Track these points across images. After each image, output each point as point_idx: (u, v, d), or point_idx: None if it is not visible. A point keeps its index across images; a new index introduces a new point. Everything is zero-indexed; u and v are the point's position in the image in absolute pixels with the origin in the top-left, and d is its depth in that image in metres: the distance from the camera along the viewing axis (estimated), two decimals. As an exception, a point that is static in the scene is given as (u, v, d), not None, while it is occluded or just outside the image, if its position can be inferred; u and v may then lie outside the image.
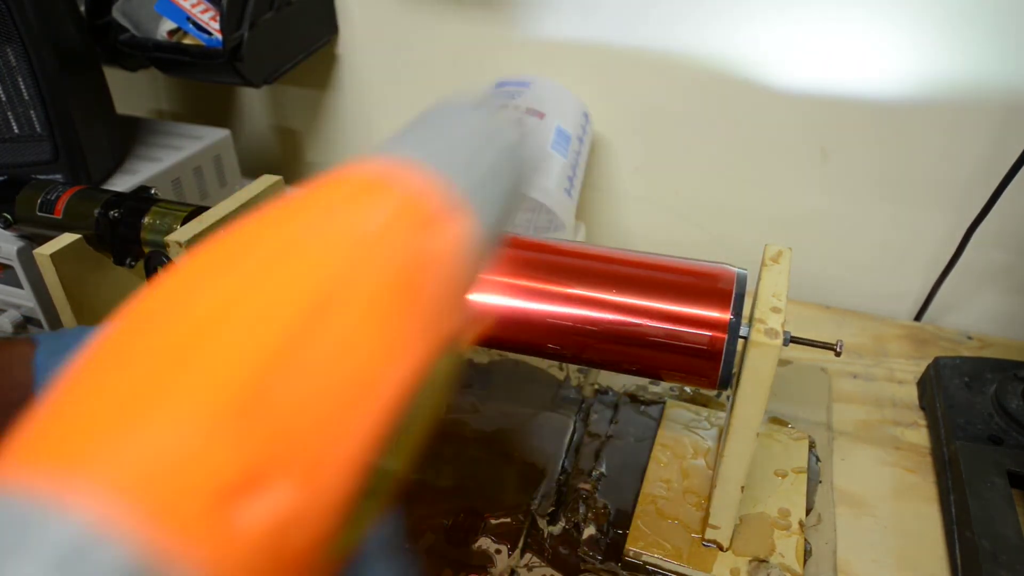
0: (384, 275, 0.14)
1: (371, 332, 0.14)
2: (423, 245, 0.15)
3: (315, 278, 0.14)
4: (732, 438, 0.41)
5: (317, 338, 0.13)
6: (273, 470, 0.12)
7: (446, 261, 0.15)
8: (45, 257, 0.51)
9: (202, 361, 0.12)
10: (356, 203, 0.15)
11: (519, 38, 0.75)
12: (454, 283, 0.16)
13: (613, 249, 0.45)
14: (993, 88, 0.61)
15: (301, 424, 0.12)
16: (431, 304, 0.15)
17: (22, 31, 0.59)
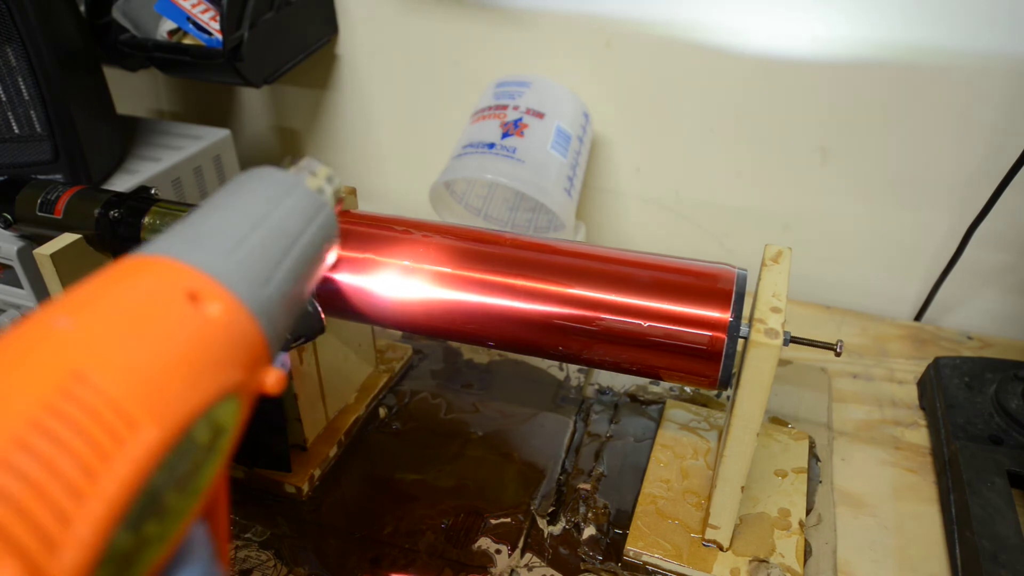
0: (116, 365, 0.16)
1: (89, 421, 0.15)
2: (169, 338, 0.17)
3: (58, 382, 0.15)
4: (732, 438, 0.41)
5: (31, 439, 0.14)
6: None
7: (196, 343, 0.17)
8: (45, 257, 0.51)
9: None
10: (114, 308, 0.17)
11: (519, 38, 0.75)
12: (204, 360, 0.17)
13: (613, 249, 0.45)
14: (993, 88, 0.61)
15: (15, 511, 0.13)
16: (166, 385, 0.16)
17: (22, 31, 0.59)
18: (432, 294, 0.45)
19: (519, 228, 0.79)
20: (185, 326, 0.17)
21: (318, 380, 0.55)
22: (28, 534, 0.13)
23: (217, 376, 0.18)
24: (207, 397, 0.17)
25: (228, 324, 0.18)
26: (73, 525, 0.14)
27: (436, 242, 0.46)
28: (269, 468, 0.53)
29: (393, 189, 0.93)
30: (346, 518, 0.51)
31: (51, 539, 0.13)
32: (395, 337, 0.68)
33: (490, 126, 0.69)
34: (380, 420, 0.60)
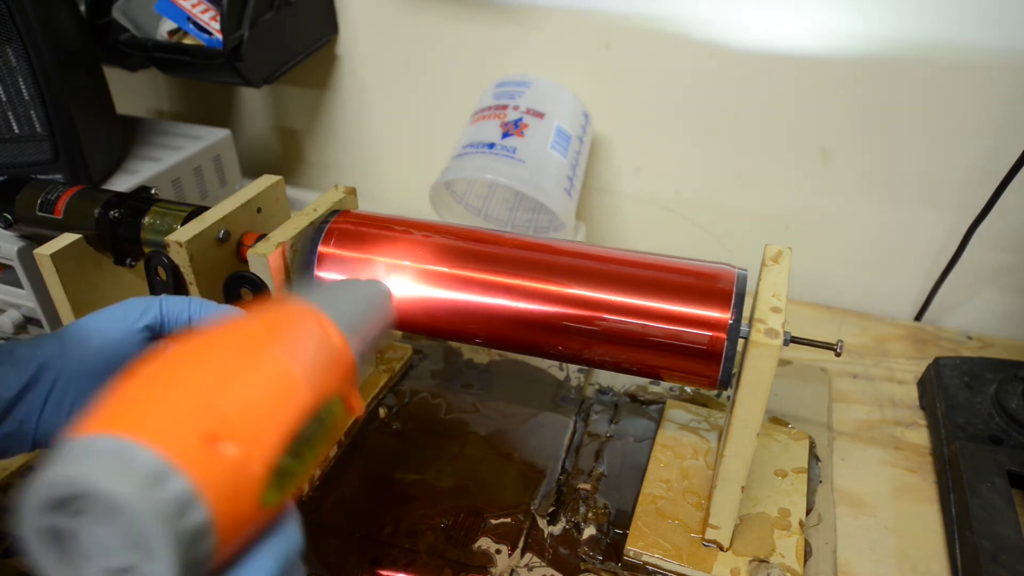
0: (294, 347, 0.27)
1: (280, 371, 0.26)
2: (314, 343, 0.28)
3: (257, 339, 0.27)
4: (732, 438, 0.41)
5: (248, 378, 0.25)
6: (223, 435, 0.23)
7: (325, 356, 0.28)
8: (45, 257, 0.51)
9: (195, 382, 0.24)
10: (291, 318, 0.29)
11: (519, 38, 0.75)
12: (328, 364, 0.28)
13: (613, 249, 0.45)
14: (993, 88, 0.61)
15: (238, 416, 0.23)
16: (316, 367, 0.27)
17: (22, 31, 0.59)
18: (432, 294, 0.45)
19: (519, 228, 0.79)
20: (323, 341, 0.29)
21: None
22: (244, 433, 0.23)
23: (335, 378, 0.28)
24: (332, 389, 0.28)
25: (341, 351, 0.29)
26: (269, 434, 0.24)
27: (436, 242, 0.46)
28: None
29: (393, 189, 0.93)
30: (346, 518, 0.51)
31: (256, 439, 0.23)
32: (395, 337, 0.68)
33: (490, 126, 0.69)
34: (380, 420, 0.60)
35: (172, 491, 0.20)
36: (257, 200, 0.52)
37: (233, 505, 0.22)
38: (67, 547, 0.21)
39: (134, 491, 0.20)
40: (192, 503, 0.21)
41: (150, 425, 0.21)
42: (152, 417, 0.22)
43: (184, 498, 0.21)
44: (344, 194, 0.52)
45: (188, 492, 0.21)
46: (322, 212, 0.49)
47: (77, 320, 0.38)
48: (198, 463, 0.21)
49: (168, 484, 0.20)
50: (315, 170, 0.97)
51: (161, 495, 0.20)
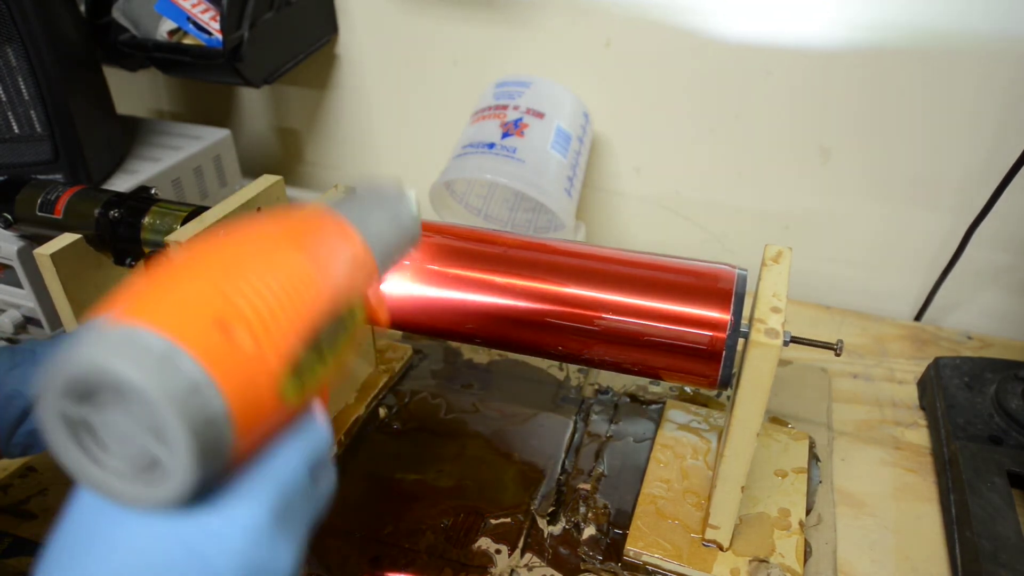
0: (313, 247, 0.27)
1: (297, 267, 0.25)
2: (335, 246, 0.28)
3: (277, 238, 0.26)
4: (732, 438, 0.41)
5: (264, 271, 0.24)
6: (235, 322, 0.22)
7: (347, 262, 0.28)
8: (45, 257, 0.51)
9: (209, 272, 0.23)
10: (311, 221, 0.29)
11: (519, 38, 0.75)
12: (350, 266, 0.28)
13: (613, 249, 0.45)
14: (994, 88, 0.61)
15: (253, 306, 0.23)
16: (335, 269, 0.27)
17: (22, 31, 0.59)
18: (432, 294, 0.45)
19: (519, 228, 0.79)
20: (345, 247, 0.29)
21: (318, 380, 0.54)
22: (259, 323, 0.23)
23: (357, 280, 0.29)
24: (351, 289, 0.28)
25: (363, 258, 0.30)
26: (284, 327, 0.23)
27: (436, 242, 0.46)
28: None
29: (393, 189, 0.93)
30: (346, 518, 0.51)
31: (271, 330, 0.23)
32: (395, 337, 0.68)
33: (490, 126, 0.69)
34: (380, 420, 0.60)
35: (184, 373, 0.20)
36: (257, 200, 0.52)
37: (249, 393, 0.22)
38: (87, 442, 0.21)
39: (144, 374, 0.20)
40: (205, 387, 0.20)
41: (161, 312, 0.21)
42: (164, 305, 0.22)
43: (196, 381, 0.20)
44: (344, 194, 0.52)
45: (200, 375, 0.20)
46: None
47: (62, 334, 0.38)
48: (211, 349, 0.21)
49: (179, 367, 0.20)
50: (315, 170, 0.97)
51: (172, 377, 0.20)
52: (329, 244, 0.28)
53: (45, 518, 0.52)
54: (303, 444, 0.25)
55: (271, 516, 0.23)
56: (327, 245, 0.28)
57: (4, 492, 0.53)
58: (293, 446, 0.24)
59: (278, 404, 0.23)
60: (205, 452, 0.20)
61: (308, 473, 0.25)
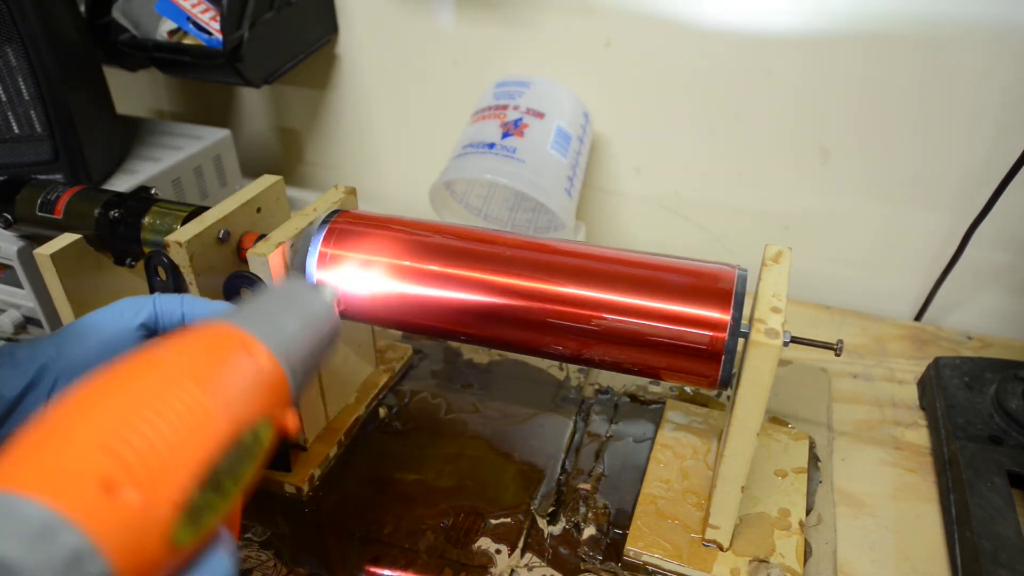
0: (210, 376, 0.26)
1: (191, 403, 0.24)
2: (234, 367, 0.27)
3: (167, 373, 0.25)
4: (732, 438, 0.41)
5: (152, 414, 0.23)
6: (121, 478, 0.21)
7: (251, 382, 0.27)
8: (45, 257, 0.51)
9: (94, 424, 0.22)
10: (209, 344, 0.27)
11: (519, 38, 0.75)
12: (252, 387, 0.27)
13: (613, 249, 0.45)
14: (994, 88, 0.61)
15: (139, 457, 0.22)
16: (236, 395, 0.26)
17: (22, 31, 0.59)
18: (432, 294, 0.45)
19: (519, 228, 0.79)
20: (247, 366, 0.27)
21: (318, 380, 0.55)
22: (146, 475, 0.22)
23: (261, 402, 0.27)
24: (255, 413, 0.26)
25: (270, 373, 0.28)
26: (175, 473, 0.23)
27: (436, 242, 0.46)
28: (269, 468, 0.53)
29: (393, 189, 0.93)
30: (346, 518, 0.51)
31: (160, 480, 0.22)
32: (395, 337, 0.68)
33: (490, 126, 0.69)
34: (380, 420, 0.60)
35: (63, 545, 0.20)
36: (257, 200, 0.52)
37: (137, 550, 0.21)
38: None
39: (20, 549, 0.19)
40: (87, 556, 0.20)
41: (40, 477, 0.21)
42: (43, 468, 0.21)
43: (77, 551, 0.20)
44: (344, 194, 0.52)
45: (82, 544, 0.20)
46: (322, 212, 0.49)
47: (73, 321, 0.38)
48: (93, 513, 0.20)
49: (59, 538, 0.20)
50: (315, 170, 0.97)
51: (51, 550, 0.19)
52: (229, 368, 0.27)
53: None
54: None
55: None
56: (225, 368, 0.26)
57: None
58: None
59: (171, 552, 0.23)
60: None
61: None
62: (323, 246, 0.47)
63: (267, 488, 0.54)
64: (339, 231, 0.48)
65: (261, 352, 0.28)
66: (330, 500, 0.53)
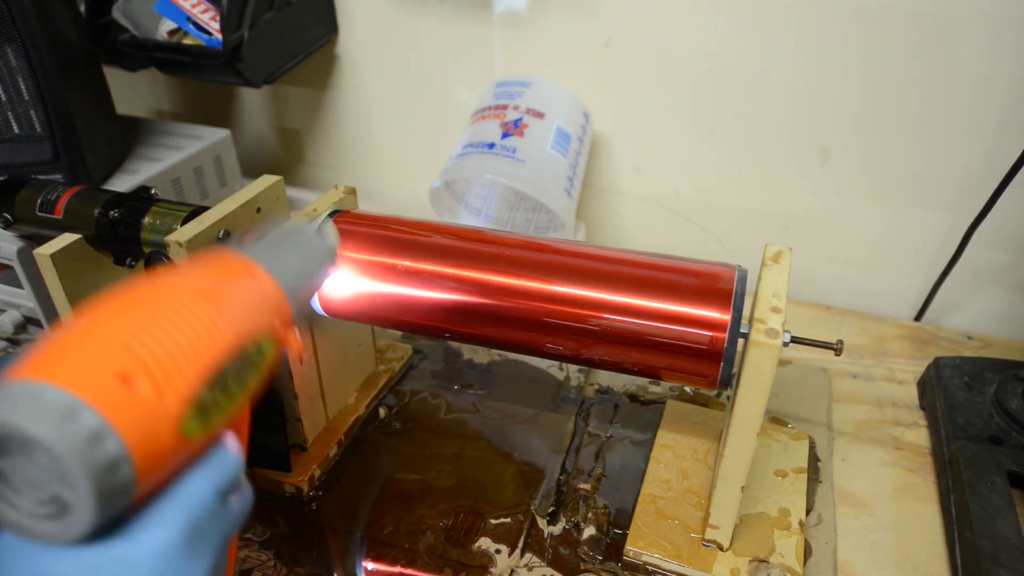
0: (216, 292, 0.29)
1: (200, 313, 0.27)
2: (240, 287, 0.30)
3: (180, 289, 0.28)
4: (732, 438, 0.41)
5: (165, 321, 0.26)
6: (136, 372, 0.24)
7: (254, 301, 0.30)
8: (45, 257, 0.51)
9: (111, 328, 0.25)
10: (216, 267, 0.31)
11: (519, 38, 0.75)
12: (255, 305, 0.30)
13: (613, 249, 0.45)
14: (994, 88, 0.61)
15: (153, 356, 0.25)
16: (239, 310, 0.29)
17: (22, 31, 0.59)
18: (432, 294, 0.45)
19: (519, 228, 0.79)
20: (251, 287, 0.31)
21: (318, 380, 0.55)
22: (160, 371, 0.25)
23: (264, 317, 0.30)
24: (257, 327, 0.29)
25: (272, 294, 0.32)
26: (186, 372, 0.25)
27: (436, 242, 0.46)
28: (269, 468, 0.53)
29: (393, 189, 0.93)
30: (346, 518, 0.51)
31: (172, 376, 0.25)
32: (395, 337, 0.68)
33: (490, 126, 0.69)
34: (380, 420, 0.60)
35: (84, 425, 0.22)
36: (257, 200, 0.52)
37: (150, 436, 0.24)
38: (1, 487, 0.23)
39: (46, 427, 0.22)
40: (105, 435, 0.22)
41: (64, 368, 0.23)
42: (68, 362, 0.24)
43: (96, 431, 0.22)
44: (344, 194, 0.52)
45: (100, 425, 0.22)
46: (322, 212, 0.49)
47: None
48: (110, 399, 0.23)
49: (80, 419, 0.22)
50: (315, 170, 0.97)
51: (73, 429, 0.22)
52: (234, 286, 0.30)
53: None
54: (211, 471, 0.27)
55: (181, 540, 0.25)
56: (231, 288, 0.30)
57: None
58: (201, 474, 0.27)
59: (181, 442, 0.25)
60: (107, 493, 0.23)
61: (217, 497, 0.27)
62: (323, 246, 0.47)
63: (267, 488, 0.54)
64: (339, 231, 0.48)
65: (264, 277, 0.32)
66: (330, 500, 0.53)
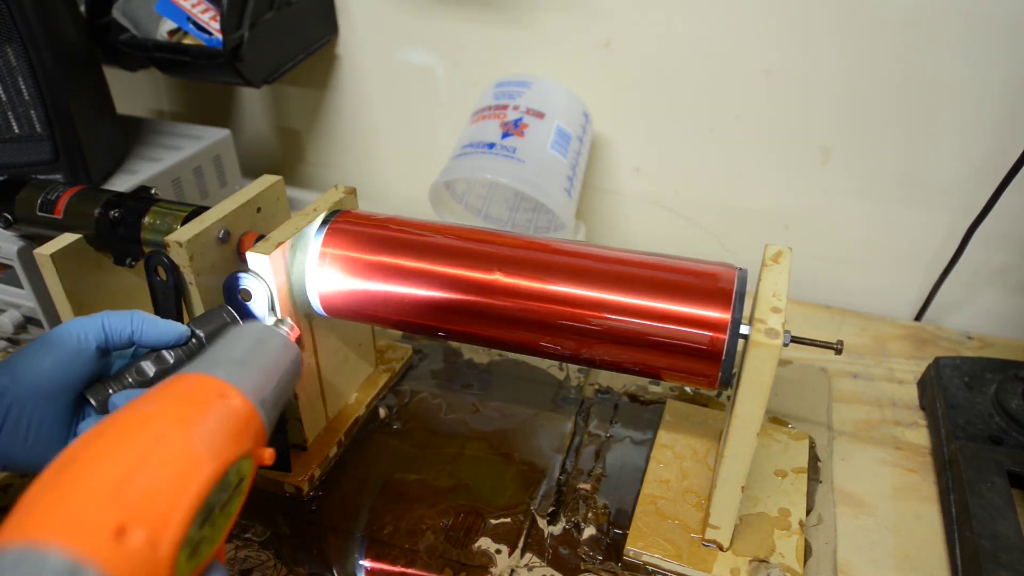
0: (196, 423, 0.29)
1: (185, 450, 0.27)
2: (214, 412, 0.30)
3: (158, 422, 0.28)
4: (732, 438, 0.41)
5: (151, 464, 0.26)
6: (132, 524, 0.25)
7: (226, 416, 0.30)
8: (45, 257, 0.51)
9: (101, 477, 0.25)
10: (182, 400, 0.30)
11: (519, 38, 0.75)
12: (231, 428, 0.30)
13: (613, 249, 0.45)
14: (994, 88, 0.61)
15: (144, 503, 0.25)
16: (219, 437, 0.29)
17: (22, 31, 0.59)
18: (432, 294, 0.45)
19: (519, 228, 0.79)
20: (226, 411, 0.31)
21: (318, 380, 0.55)
22: (151, 519, 0.25)
23: (240, 441, 0.30)
24: (236, 452, 0.30)
25: (244, 412, 0.32)
26: (175, 514, 0.26)
27: (436, 242, 0.46)
28: (269, 468, 0.53)
29: (393, 189, 0.93)
30: (346, 518, 0.51)
31: (163, 518, 0.25)
32: (395, 337, 0.68)
33: (490, 126, 0.69)
34: (380, 420, 0.60)
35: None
36: (257, 200, 0.52)
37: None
38: None
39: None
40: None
41: (61, 528, 0.24)
42: (59, 518, 0.24)
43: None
44: (344, 194, 0.52)
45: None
46: (322, 212, 0.49)
47: (25, 346, 0.39)
48: (108, 556, 0.23)
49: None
50: (315, 170, 0.97)
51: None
52: (209, 412, 0.30)
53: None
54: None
55: None
56: (208, 415, 0.30)
57: (4, 492, 0.53)
58: None
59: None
60: None
61: None
62: (323, 246, 0.47)
63: (267, 488, 0.54)
64: (339, 231, 0.48)
65: (235, 395, 0.31)
66: (330, 500, 0.53)
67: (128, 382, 0.41)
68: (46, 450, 0.39)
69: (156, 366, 0.41)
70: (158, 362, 0.42)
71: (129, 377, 0.41)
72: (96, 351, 0.40)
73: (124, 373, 0.41)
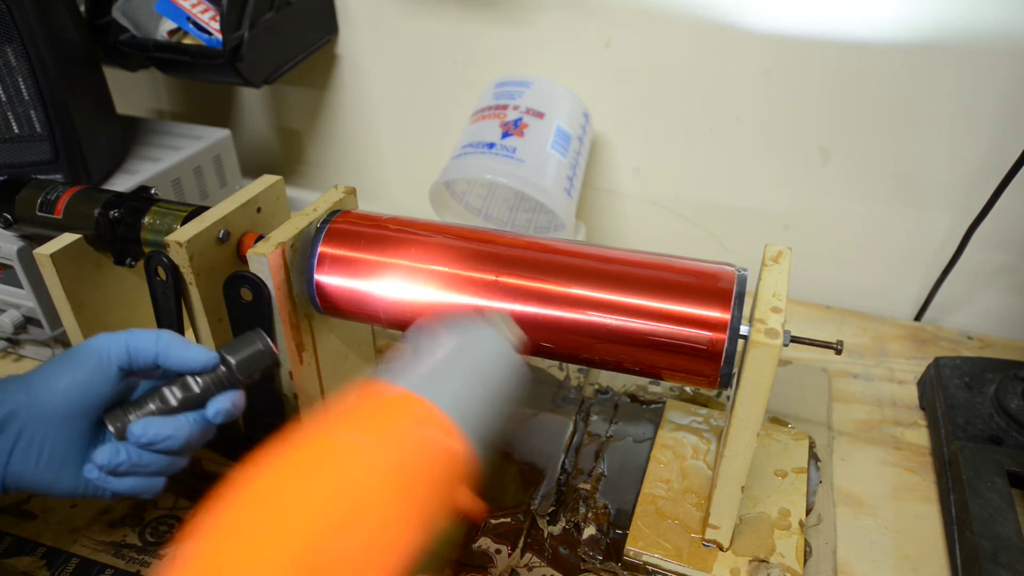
0: (403, 467, 0.22)
1: (383, 520, 0.21)
2: (425, 463, 0.23)
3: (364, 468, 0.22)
4: (732, 438, 0.41)
5: (354, 523, 0.20)
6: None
7: (441, 468, 0.23)
8: (45, 257, 0.51)
9: (282, 540, 0.19)
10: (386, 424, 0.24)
11: (519, 38, 0.75)
12: (446, 479, 0.24)
13: (613, 249, 0.45)
14: (994, 88, 0.61)
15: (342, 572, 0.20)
16: (428, 494, 0.22)
17: (22, 31, 0.59)
18: (432, 294, 0.45)
19: (519, 228, 0.79)
20: (441, 451, 0.24)
21: (318, 380, 0.54)
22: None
23: (450, 493, 0.24)
24: (444, 508, 0.24)
25: (461, 455, 0.25)
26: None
27: (436, 242, 0.46)
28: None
29: (393, 189, 0.93)
30: (346, 518, 0.51)
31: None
32: (395, 337, 0.68)
33: (490, 126, 0.69)
34: (380, 420, 0.60)
35: None
36: (257, 200, 0.52)
37: None
38: None
39: None
40: None
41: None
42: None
43: None
44: (344, 194, 0.52)
45: None
46: (322, 212, 0.49)
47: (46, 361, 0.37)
48: None
49: None
50: (315, 170, 0.97)
51: None
52: (425, 452, 0.23)
53: (45, 518, 0.52)
54: None
55: None
56: (422, 455, 0.23)
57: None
58: None
59: None
60: None
61: None
62: (323, 246, 0.47)
63: (267, 488, 0.53)
64: (339, 231, 0.48)
65: (451, 431, 0.24)
66: None
67: (150, 409, 0.38)
68: (57, 475, 0.36)
69: (182, 392, 0.39)
70: (183, 389, 0.39)
71: (152, 404, 0.38)
72: (118, 372, 0.38)
73: (147, 399, 0.39)
